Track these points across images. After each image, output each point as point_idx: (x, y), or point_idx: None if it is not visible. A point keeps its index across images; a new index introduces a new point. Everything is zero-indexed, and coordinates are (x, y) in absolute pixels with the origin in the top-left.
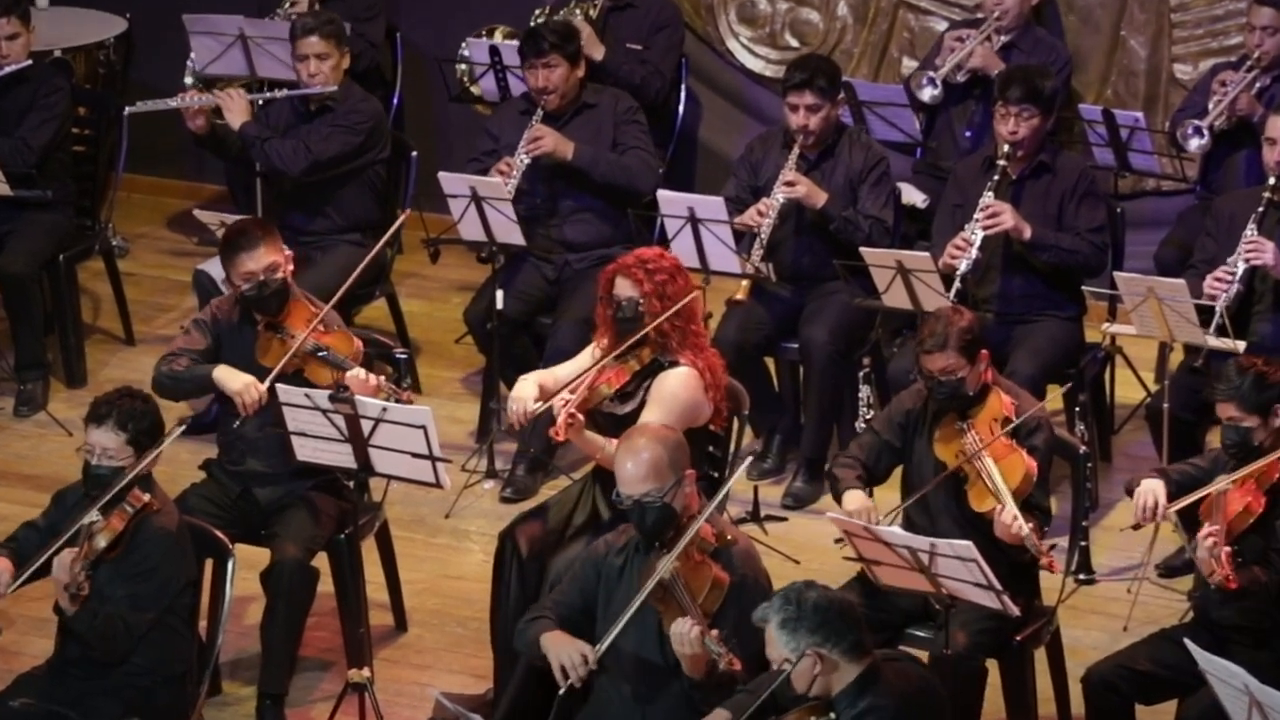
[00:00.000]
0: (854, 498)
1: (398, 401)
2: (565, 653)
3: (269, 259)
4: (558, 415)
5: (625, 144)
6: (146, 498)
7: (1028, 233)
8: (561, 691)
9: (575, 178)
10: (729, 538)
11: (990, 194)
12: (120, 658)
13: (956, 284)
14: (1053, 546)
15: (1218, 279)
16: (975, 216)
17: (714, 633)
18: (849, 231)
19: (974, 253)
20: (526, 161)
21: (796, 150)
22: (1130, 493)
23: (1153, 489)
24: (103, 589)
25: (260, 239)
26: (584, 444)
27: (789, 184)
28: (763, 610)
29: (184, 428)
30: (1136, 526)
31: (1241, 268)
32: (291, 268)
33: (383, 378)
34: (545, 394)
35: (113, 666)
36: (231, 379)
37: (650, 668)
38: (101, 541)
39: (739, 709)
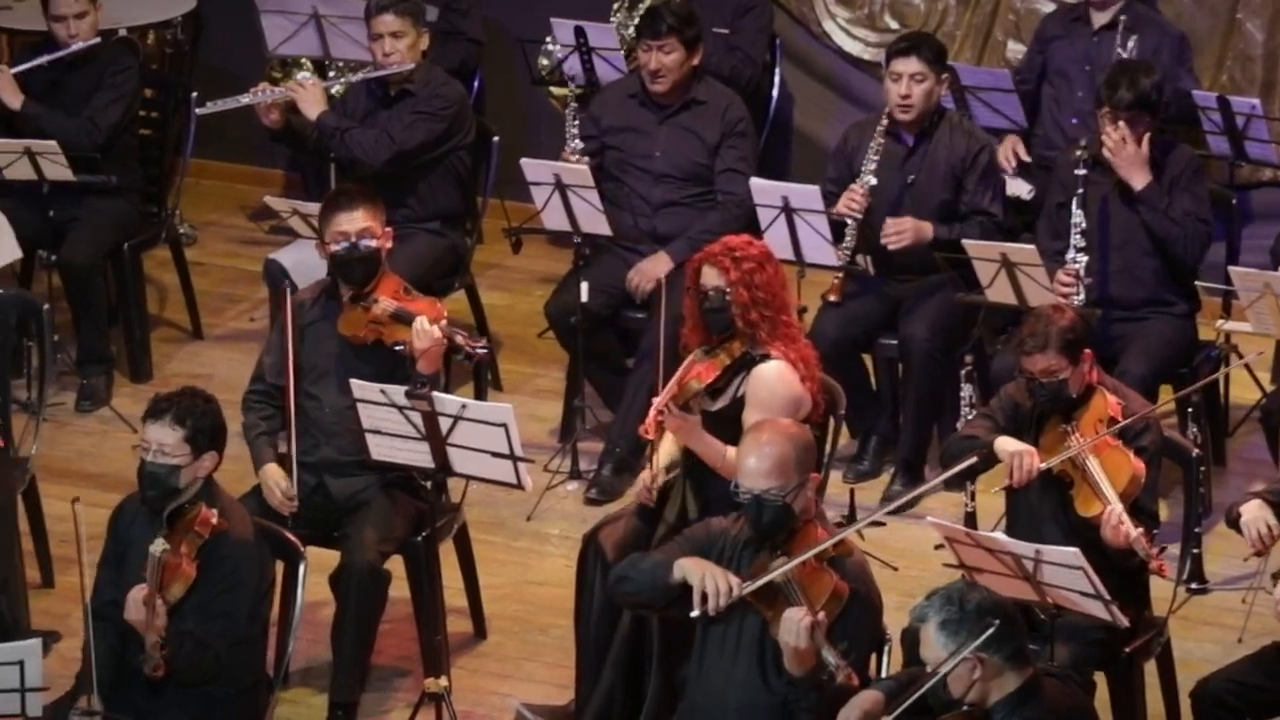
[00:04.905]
0: (1008, 440)
1: (472, 353)
2: (711, 576)
3: (365, 223)
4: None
5: (725, 164)
6: (214, 519)
7: (1140, 183)
8: (694, 614)
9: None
10: (845, 547)
11: (1080, 210)
12: (207, 683)
13: None
14: (1163, 550)
15: None
16: (1075, 243)
17: (830, 644)
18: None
19: (1081, 289)
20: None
21: (885, 121)
22: (1232, 523)
23: (1261, 516)
24: (188, 615)
25: (360, 202)
26: (702, 447)
27: (897, 234)
28: (920, 609)
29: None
30: (1260, 553)
31: None
32: (389, 245)
33: (455, 332)
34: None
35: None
36: (266, 477)
37: (746, 678)
38: (178, 591)
39: (889, 694)
